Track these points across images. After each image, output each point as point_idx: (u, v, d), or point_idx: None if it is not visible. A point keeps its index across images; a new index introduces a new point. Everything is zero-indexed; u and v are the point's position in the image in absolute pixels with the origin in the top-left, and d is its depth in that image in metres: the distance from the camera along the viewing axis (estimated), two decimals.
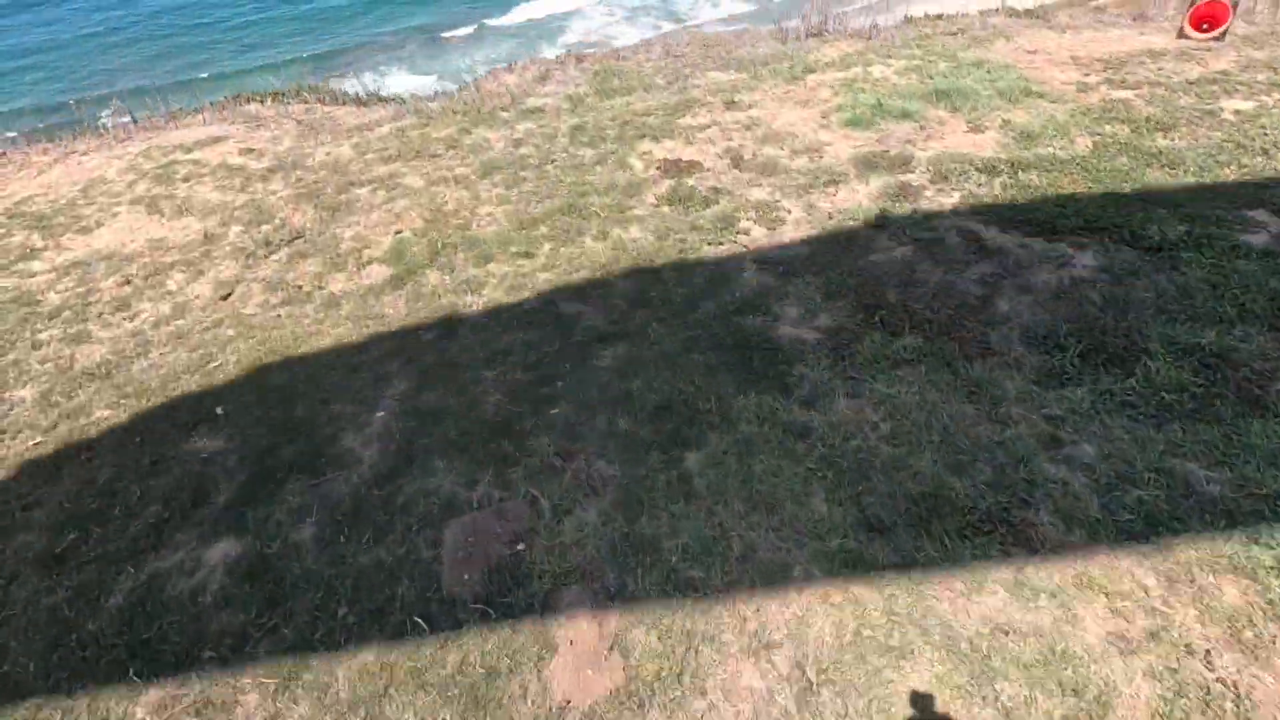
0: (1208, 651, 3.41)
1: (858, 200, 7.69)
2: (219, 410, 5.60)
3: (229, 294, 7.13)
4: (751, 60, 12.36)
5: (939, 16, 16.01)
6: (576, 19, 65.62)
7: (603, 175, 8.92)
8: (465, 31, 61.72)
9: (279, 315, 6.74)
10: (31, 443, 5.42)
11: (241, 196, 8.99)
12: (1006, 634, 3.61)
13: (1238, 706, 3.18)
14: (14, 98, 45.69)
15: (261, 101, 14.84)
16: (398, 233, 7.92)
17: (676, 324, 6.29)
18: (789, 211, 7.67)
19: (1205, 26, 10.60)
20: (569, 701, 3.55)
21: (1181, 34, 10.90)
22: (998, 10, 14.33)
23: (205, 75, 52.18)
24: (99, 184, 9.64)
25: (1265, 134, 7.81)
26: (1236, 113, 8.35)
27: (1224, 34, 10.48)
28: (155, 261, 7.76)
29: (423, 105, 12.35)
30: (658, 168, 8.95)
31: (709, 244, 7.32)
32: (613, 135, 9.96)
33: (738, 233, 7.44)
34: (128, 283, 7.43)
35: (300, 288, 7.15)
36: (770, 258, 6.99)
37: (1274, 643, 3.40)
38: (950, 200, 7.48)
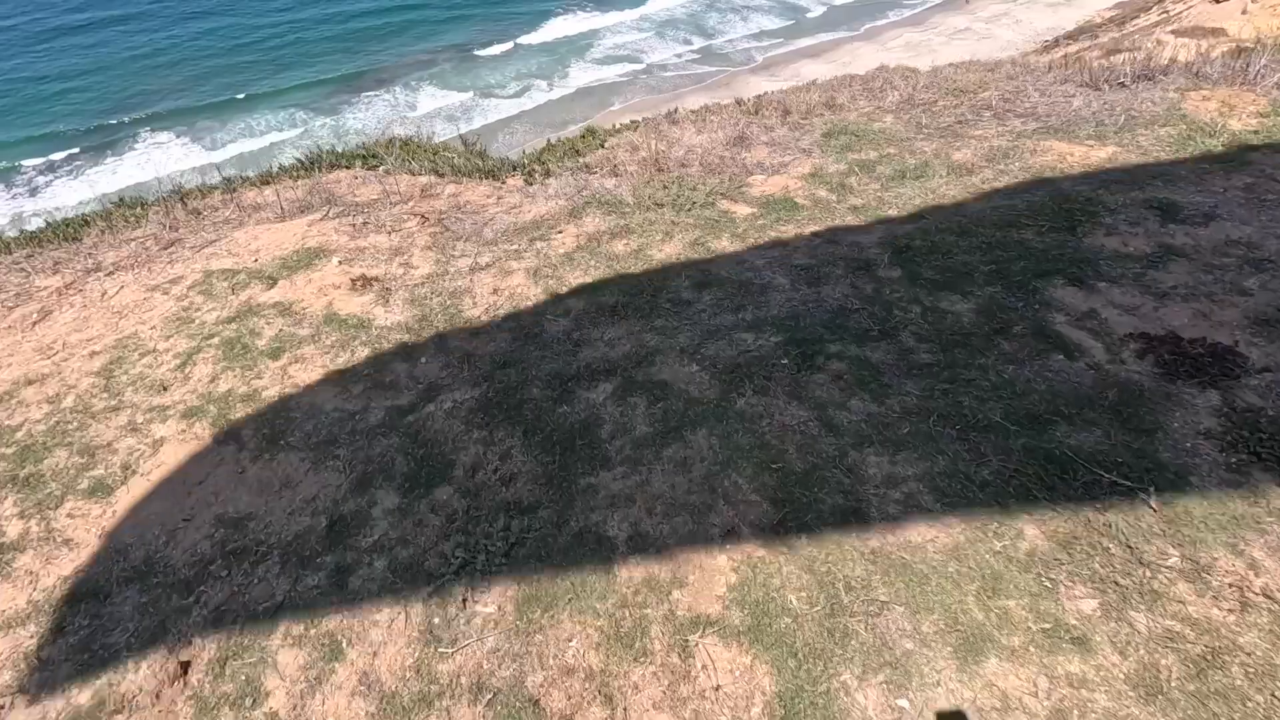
0: None
1: None
2: None
3: None
4: (1092, 120, 8.18)
5: None
6: (607, 35, 62.42)
7: (1039, 381, 4.76)
8: (499, 49, 58.78)
9: None
10: None
11: (377, 401, 5.00)
12: None
13: None
14: (58, 119, 43.82)
15: (349, 168, 11.00)
16: (724, 538, 3.82)
17: None
18: None
19: None
20: None
21: None
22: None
23: (242, 96, 49.90)
24: (130, 352, 5.74)
25: None
26: None
27: None
28: (239, 601, 3.77)
29: (599, 187, 8.37)
30: (1160, 365, 4.75)
31: None
32: (982, 269, 5.82)
33: None
34: (191, 695, 3.44)
35: None
36: None
37: None
38: None
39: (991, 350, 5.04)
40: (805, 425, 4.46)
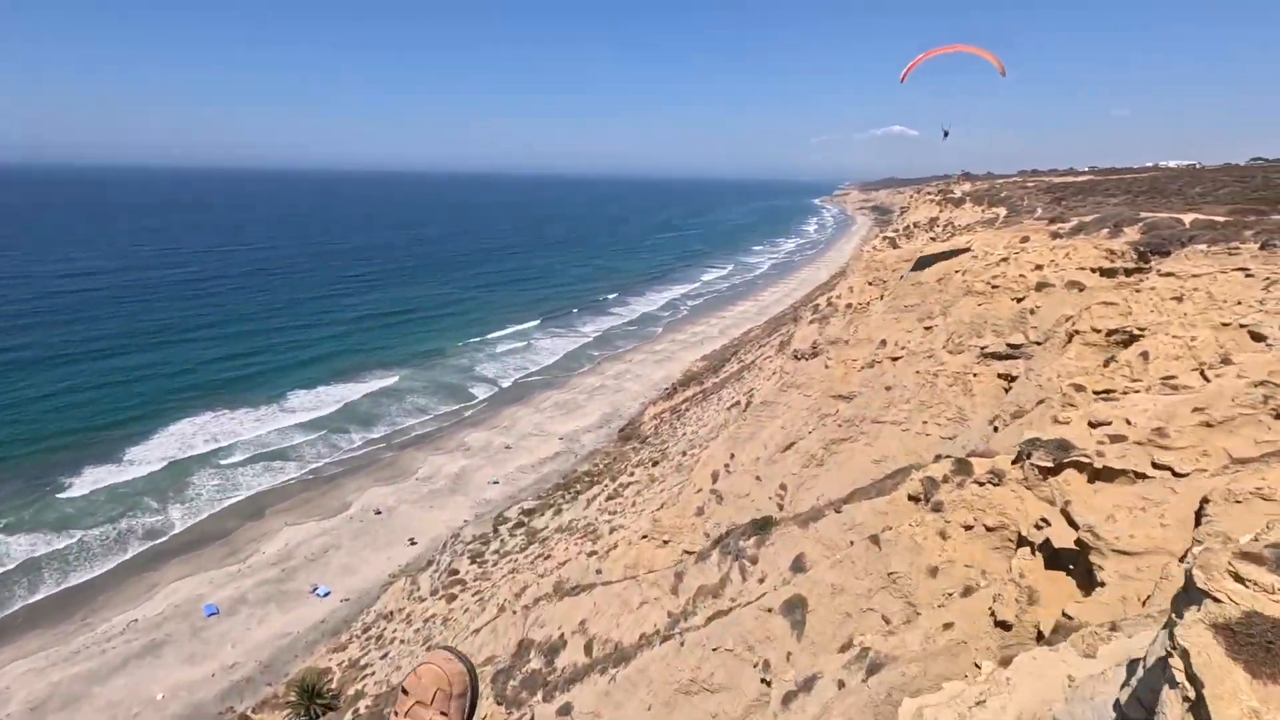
0: None
1: None
2: None
3: None
4: None
5: None
6: (246, 442, 54.51)
7: None
8: (95, 482, 45.47)
9: None
10: None
11: None
12: None
13: None
14: None
15: None
16: None
17: None
18: None
19: None
20: None
21: None
22: None
23: None
24: None
25: None
26: None
27: None
28: None
29: None
30: None
31: None
32: None
33: None
34: None
35: None
36: None
37: None
38: None
39: None
40: None
